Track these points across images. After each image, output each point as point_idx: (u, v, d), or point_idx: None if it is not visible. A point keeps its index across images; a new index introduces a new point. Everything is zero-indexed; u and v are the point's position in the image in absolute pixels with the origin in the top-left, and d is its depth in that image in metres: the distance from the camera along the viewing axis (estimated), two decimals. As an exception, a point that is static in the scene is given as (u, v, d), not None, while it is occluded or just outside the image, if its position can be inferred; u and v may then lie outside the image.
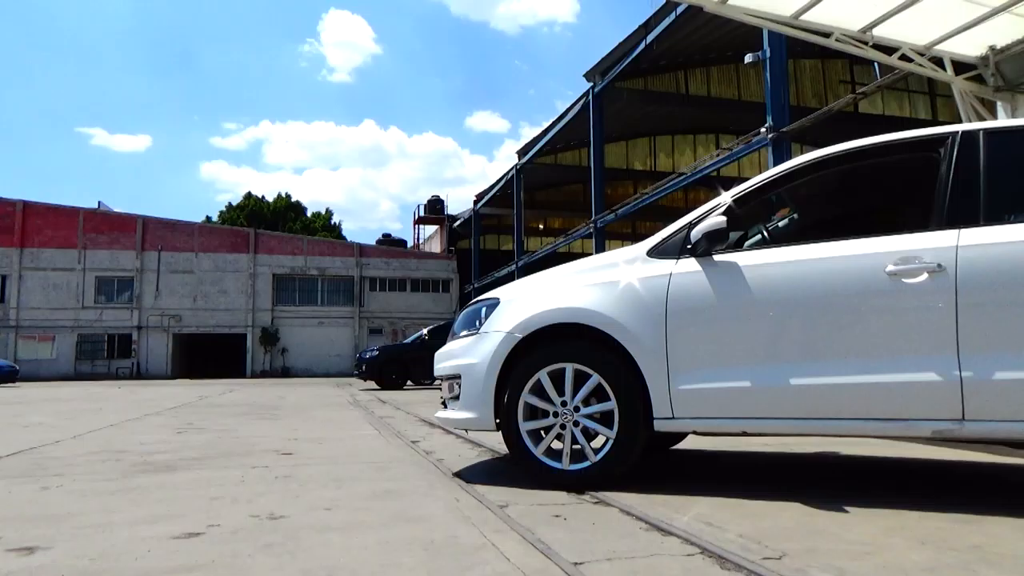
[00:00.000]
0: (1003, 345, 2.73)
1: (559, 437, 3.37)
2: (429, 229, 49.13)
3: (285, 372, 38.41)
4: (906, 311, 2.88)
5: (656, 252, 3.39)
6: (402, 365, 17.58)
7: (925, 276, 2.84)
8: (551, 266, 3.97)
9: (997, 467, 4.08)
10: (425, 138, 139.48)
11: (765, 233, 3.80)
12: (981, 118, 7.23)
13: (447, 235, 44.56)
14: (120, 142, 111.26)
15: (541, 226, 39.93)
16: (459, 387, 3.62)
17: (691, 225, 3.33)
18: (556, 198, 36.87)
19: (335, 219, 61.53)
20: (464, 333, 3.76)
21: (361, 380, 19.09)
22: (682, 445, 4.65)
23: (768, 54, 13.46)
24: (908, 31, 6.98)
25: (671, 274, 3.27)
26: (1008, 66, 7.17)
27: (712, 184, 19.37)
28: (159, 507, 3.04)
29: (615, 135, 29.96)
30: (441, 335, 14.63)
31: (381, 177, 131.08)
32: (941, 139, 3.12)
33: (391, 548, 2.34)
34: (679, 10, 17.47)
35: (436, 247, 46.67)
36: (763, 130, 13.86)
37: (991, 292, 2.76)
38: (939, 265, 2.82)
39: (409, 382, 17.74)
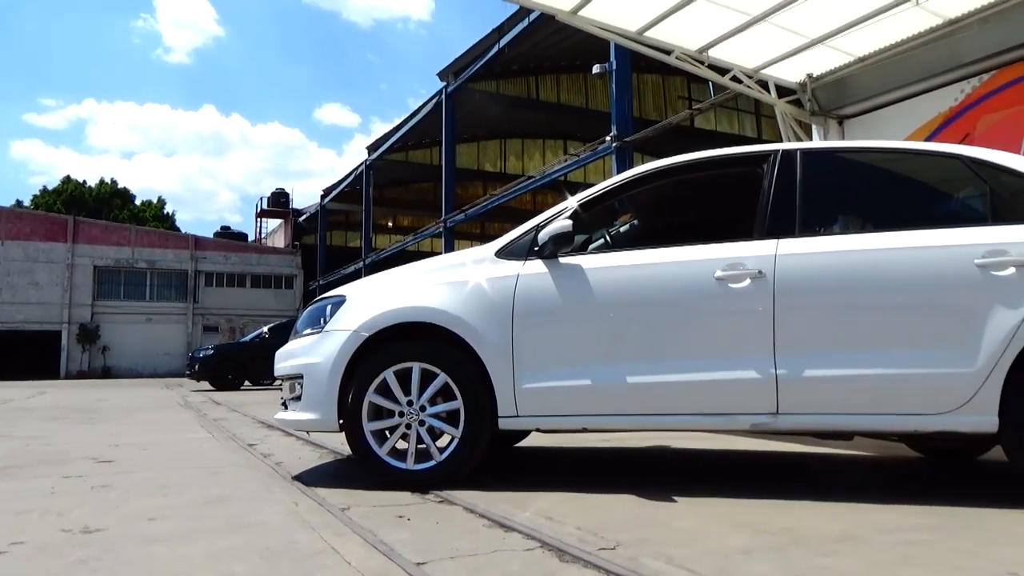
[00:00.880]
0: (812, 345, 3.02)
1: (404, 437, 3.33)
2: (272, 223, 47.07)
3: (106, 372, 35.33)
4: (731, 313, 3.11)
5: (504, 253, 3.44)
6: (239, 364, 16.74)
7: (748, 281, 3.07)
8: (399, 264, 3.92)
9: (806, 456, 4.50)
10: (270, 128, 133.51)
11: (608, 237, 3.97)
12: (799, 139, 7.95)
13: (292, 230, 42.90)
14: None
15: (390, 224, 39.42)
16: (301, 387, 3.50)
17: (538, 228, 3.41)
18: (406, 196, 36.53)
19: (168, 209, 57.25)
20: (307, 331, 3.63)
21: (194, 380, 17.96)
22: (525, 442, 4.75)
23: (615, 66, 14.05)
24: (739, 55, 7.55)
25: (518, 275, 3.34)
26: (822, 93, 7.93)
27: (559, 188, 19.95)
28: (-51, 524, 2.70)
29: (467, 136, 30.15)
30: (283, 333, 14.04)
31: (221, 166, 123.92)
32: (764, 156, 3.39)
33: (224, 557, 2.22)
34: (532, 17, 17.87)
35: (280, 242, 44.82)
36: (608, 138, 14.46)
37: (803, 297, 3.04)
38: (760, 272, 3.07)
39: (247, 382, 16.93)
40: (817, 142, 7.59)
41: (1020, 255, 2.88)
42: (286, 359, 3.68)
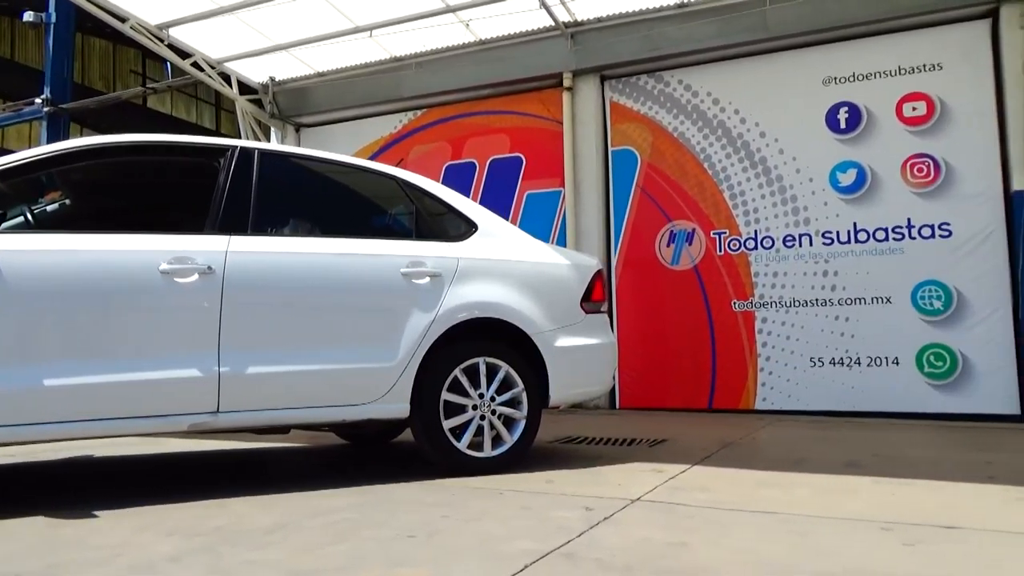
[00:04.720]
0: (257, 343, 3.08)
1: None
2: None
3: None
4: (176, 309, 2.97)
5: None
6: None
7: (196, 277, 2.97)
8: None
9: (243, 452, 4.55)
10: None
11: (30, 217, 3.38)
12: (258, 138, 8.05)
13: None
14: None
15: None
16: None
17: (-72, 193, 2.71)
18: None
19: None
20: None
21: None
22: None
23: (53, 19, 12.08)
24: (204, 42, 7.29)
25: None
26: (283, 98, 8.20)
27: (-33, 150, 16.28)
28: None
29: None
30: None
31: None
32: (223, 150, 3.34)
33: None
34: (-62, -71, 14.20)
35: None
36: (39, 101, 12.32)
37: (250, 295, 3.08)
38: (209, 267, 3.00)
39: None
40: (275, 145, 7.81)
41: (434, 267, 3.45)
42: None
